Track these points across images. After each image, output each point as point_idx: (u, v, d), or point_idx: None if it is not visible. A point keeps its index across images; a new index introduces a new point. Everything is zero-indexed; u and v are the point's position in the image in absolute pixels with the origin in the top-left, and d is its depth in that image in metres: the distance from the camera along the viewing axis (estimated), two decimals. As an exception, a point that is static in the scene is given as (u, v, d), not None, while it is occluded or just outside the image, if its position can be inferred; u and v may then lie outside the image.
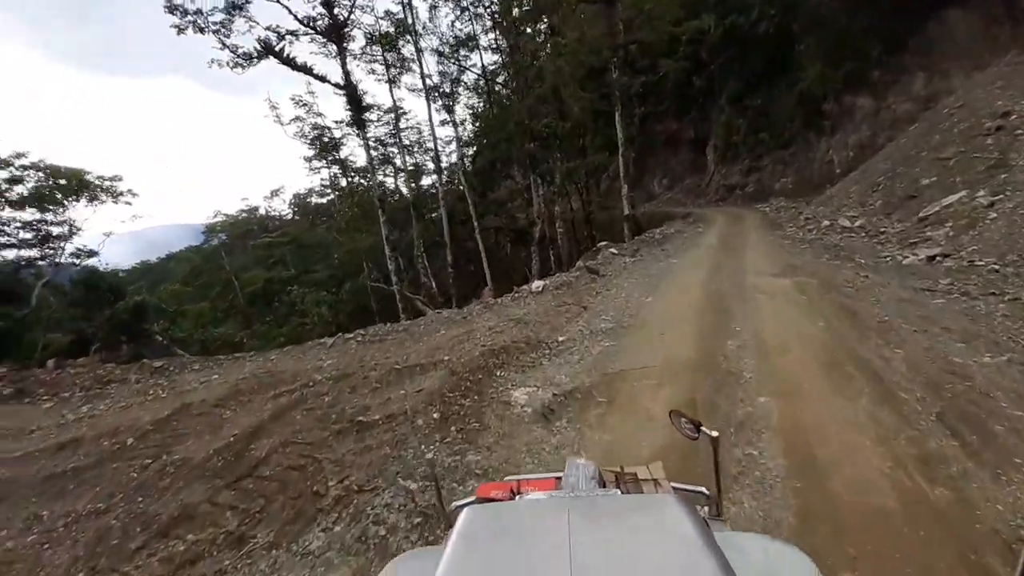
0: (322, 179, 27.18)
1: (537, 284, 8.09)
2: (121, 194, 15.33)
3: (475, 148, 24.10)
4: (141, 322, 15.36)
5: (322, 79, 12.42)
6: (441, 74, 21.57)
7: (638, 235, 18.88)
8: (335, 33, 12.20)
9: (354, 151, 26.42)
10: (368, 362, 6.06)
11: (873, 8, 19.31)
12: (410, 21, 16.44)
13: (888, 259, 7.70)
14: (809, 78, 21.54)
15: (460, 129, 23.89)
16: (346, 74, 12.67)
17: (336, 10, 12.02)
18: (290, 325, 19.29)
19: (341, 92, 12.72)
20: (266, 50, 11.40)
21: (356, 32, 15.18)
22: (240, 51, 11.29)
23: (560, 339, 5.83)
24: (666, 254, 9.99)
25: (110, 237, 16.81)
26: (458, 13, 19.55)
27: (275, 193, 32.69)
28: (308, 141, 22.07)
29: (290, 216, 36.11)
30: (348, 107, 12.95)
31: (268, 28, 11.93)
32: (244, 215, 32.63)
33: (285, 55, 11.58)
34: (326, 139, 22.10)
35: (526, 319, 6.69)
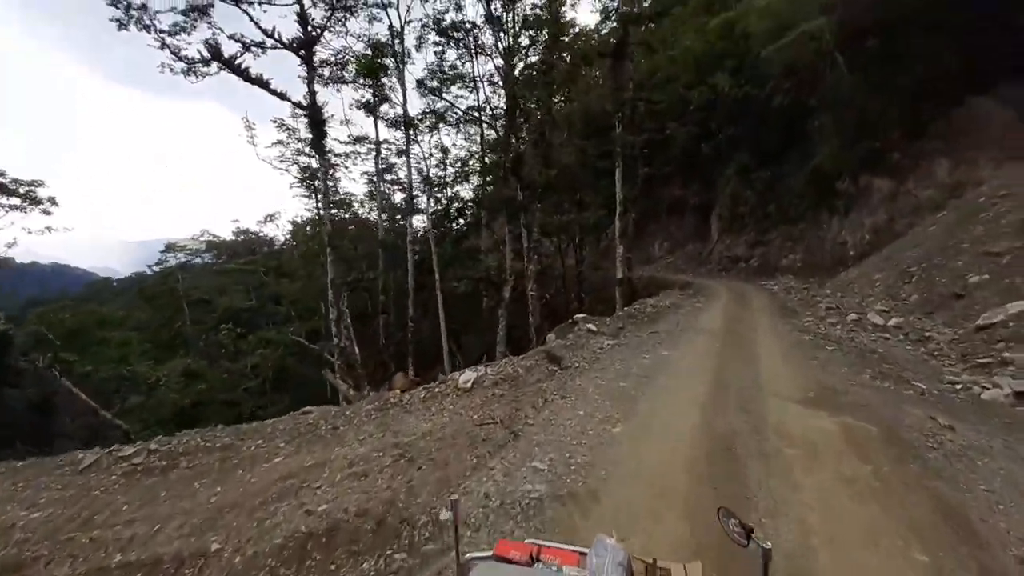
0: (306, 208, 25.73)
1: (467, 376, 5.73)
2: (40, 201, 13.52)
3: (451, 188, 22.27)
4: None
5: (280, 96, 10.82)
6: (425, 112, 19.91)
7: (631, 303, 16.75)
8: (304, 49, 10.77)
9: (343, 181, 24.73)
10: (69, 541, 3.58)
11: (894, 90, 18.15)
12: (396, 47, 15.02)
13: (959, 388, 5.45)
14: (823, 155, 20.12)
15: (431, 164, 22.04)
16: (311, 94, 11.14)
17: (309, 26, 10.69)
18: (192, 388, 16.70)
19: (302, 112, 11.17)
20: (213, 56, 9.88)
21: (327, 52, 13.68)
22: (183, 54, 9.80)
23: (442, 517, 3.33)
24: (656, 340, 7.68)
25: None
26: (449, 49, 17.94)
27: (270, 218, 31.28)
28: (285, 168, 20.53)
29: (283, 242, 34.51)
30: (310, 129, 11.32)
31: (232, 36, 10.54)
32: (239, 238, 31.01)
33: (237, 65, 10.05)
34: (304, 166, 20.53)
35: (418, 448, 4.39)
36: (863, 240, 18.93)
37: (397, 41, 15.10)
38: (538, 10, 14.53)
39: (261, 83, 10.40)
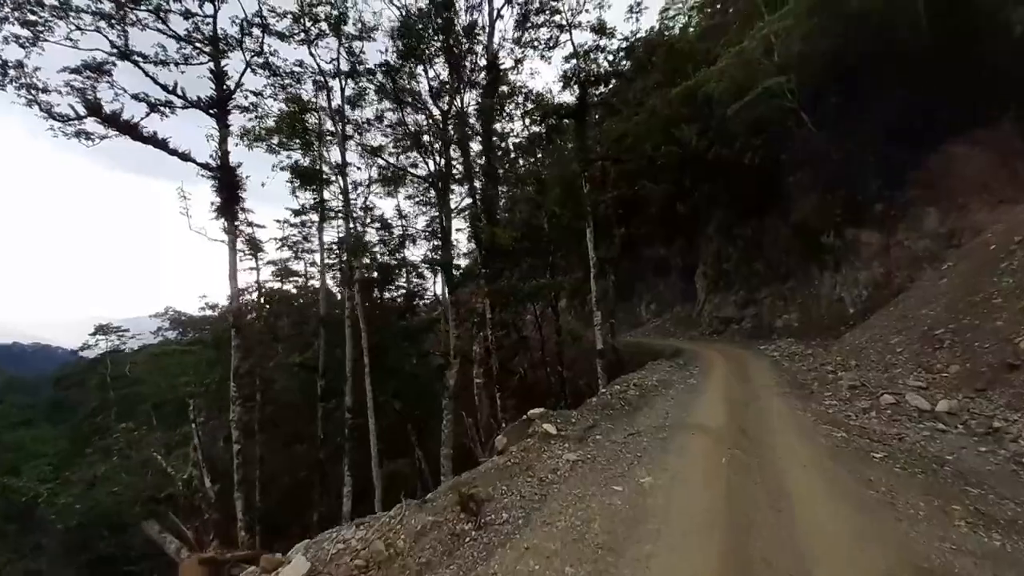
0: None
1: (296, 567, 3.67)
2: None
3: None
4: None
5: (182, 156, 9.51)
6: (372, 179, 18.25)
7: (615, 376, 14.71)
8: (216, 107, 9.67)
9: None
10: None
11: (865, 143, 17.74)
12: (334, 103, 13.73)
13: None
14: (804, 210, 19.33)
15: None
16: (223, 154, 9.86)
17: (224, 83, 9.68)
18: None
19: (209, 174, 9.81)
20: (90, 111, 8.65)
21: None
22: (55, 110, 8.54)
23: None
24: (636, 449, 5.46)
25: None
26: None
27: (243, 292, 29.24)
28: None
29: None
30: (218, 193, 9.90)
31: (136, 96, 9.42)
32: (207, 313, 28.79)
33: (125, 123, 8.83)
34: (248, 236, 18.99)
35: None
36: (862, 297, 17.54)
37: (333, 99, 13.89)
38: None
39: (156, 142, 9.13)
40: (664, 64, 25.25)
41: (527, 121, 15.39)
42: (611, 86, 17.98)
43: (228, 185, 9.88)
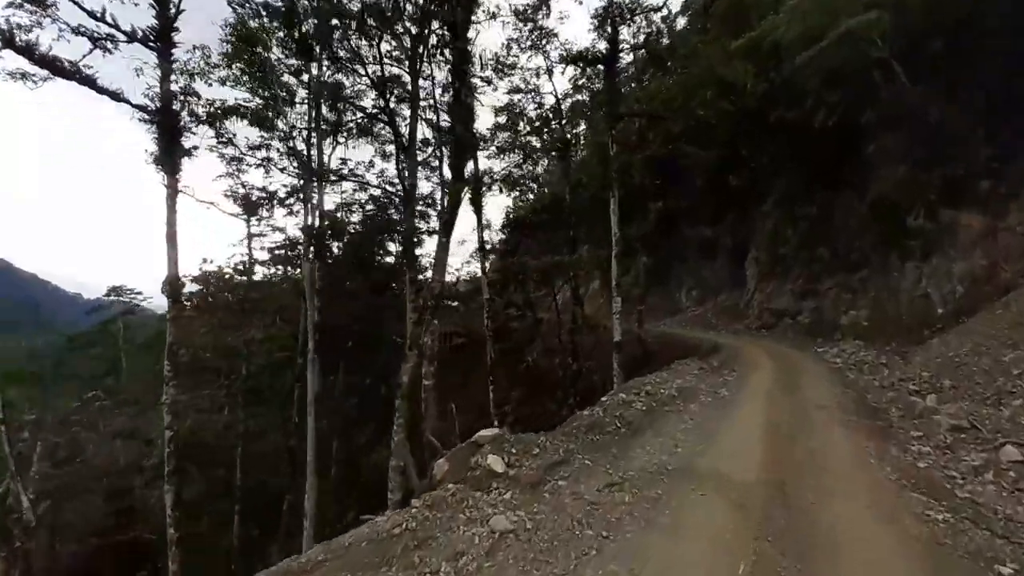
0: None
1: None
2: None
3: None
4: None
5: (113, 95, 8.26)
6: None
7: (637, 373, 12.73)
8: (159, 40, 8.31)
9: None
10: None
11: (976, 101, 14.20)
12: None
13: None
14: (888, 184, 16.02)
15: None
16: (165, 93, 8.53)
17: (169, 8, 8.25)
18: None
19: (148, 118, 8.52)
20: (4, 43, 7.52)
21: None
22: None
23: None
24: (607, 519, 3.65)
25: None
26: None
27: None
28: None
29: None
30: (157, 140, 8.62)
31: (78, 31, 8.22)
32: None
33: (41, 55, 7.66)
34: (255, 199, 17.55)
35: None
36: (955, 293, 14.35)
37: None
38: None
39: (82, 79, 7.93)
40: (725, 14, 21.77)
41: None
42: (652, 30, 15.19)
43: (169, 130, 8.62)
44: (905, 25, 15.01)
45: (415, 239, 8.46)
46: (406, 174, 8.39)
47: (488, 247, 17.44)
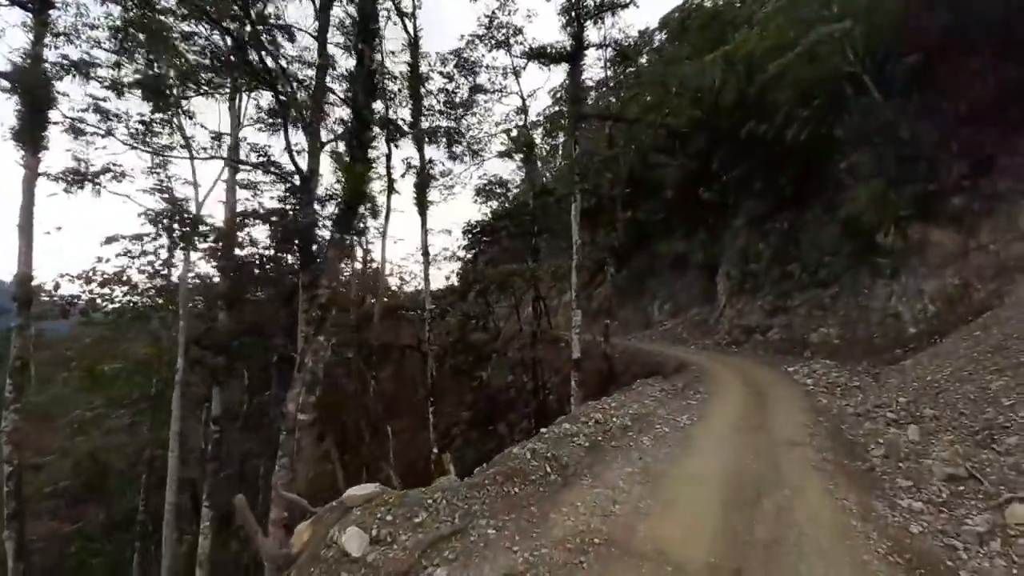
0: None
1: None
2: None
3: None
4: None
5: None
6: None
7: (602, 392, 11.59)
8: None
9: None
10: None
11: (948, 117, 13.75)
12: None
13: None
14: (859, 201, 15.44)
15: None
16: (35, 57, 7.12)
17: None
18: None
19: (9, 86, 7.09)
20: None
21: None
22: None
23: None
24: None
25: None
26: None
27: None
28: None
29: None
30: (18, 111, 7.20)
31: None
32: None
33: None
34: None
35: None
36: (927, 312, 13.70)
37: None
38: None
39: None
40: (701, 27, 21.37)
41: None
42: (621, 34, 14.39)
43: (34, 99, 7.17)
44: (877, 39, 14.60)
45: (313, 235, 7.16)
46: (306, 156, 7.15)
47: (449, 254, 16.27)
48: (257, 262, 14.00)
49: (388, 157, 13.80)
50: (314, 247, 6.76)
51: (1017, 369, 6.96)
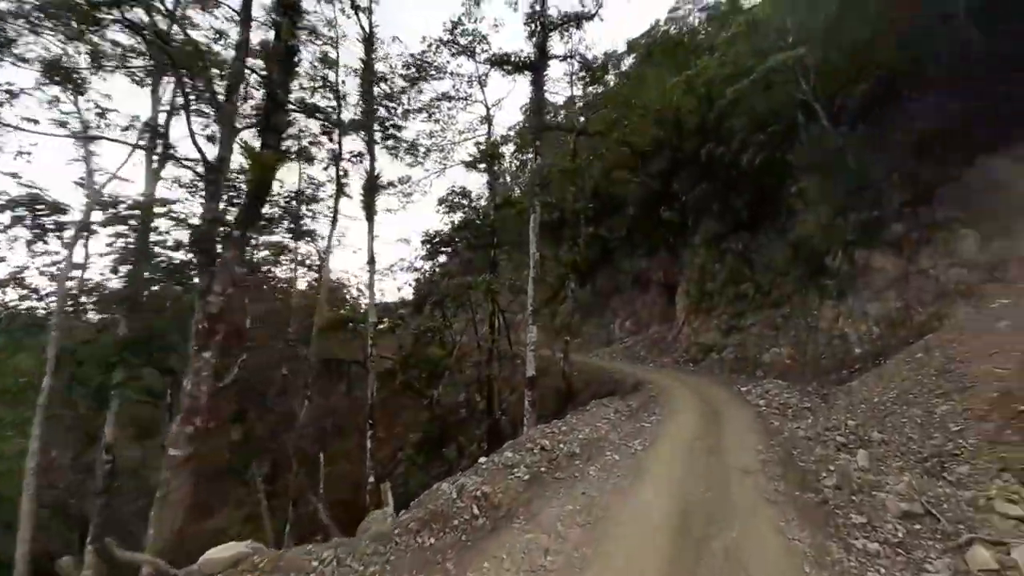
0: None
1: None
2: None
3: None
4: None
5: None
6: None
7: (563, 411, 11.00)
8: None
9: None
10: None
11: (892, 148, 14.32)
12: None
13: None
14: (808, 225, 15.81)
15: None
16: None
17: None
18: None
19: None
20: None
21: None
22: None
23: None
24: None
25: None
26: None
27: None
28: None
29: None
30: None
31: None
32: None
33: None
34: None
35: None
36: (871, 335, 13.96)
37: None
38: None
39: None
40: (665, 55, 21.85)
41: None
42: (584, 44, 14.31)
43: None
44: (830, 69, 15.15)
45: (214, 233, 6.13)
46: (219, 136, 6.21)
47: (406, 265, 15.46)
48: (166, 263, 12.48)
49: (337, 158, 13.01)
50: (220, 248, 5.86)
51: (962, 393, 6.88)
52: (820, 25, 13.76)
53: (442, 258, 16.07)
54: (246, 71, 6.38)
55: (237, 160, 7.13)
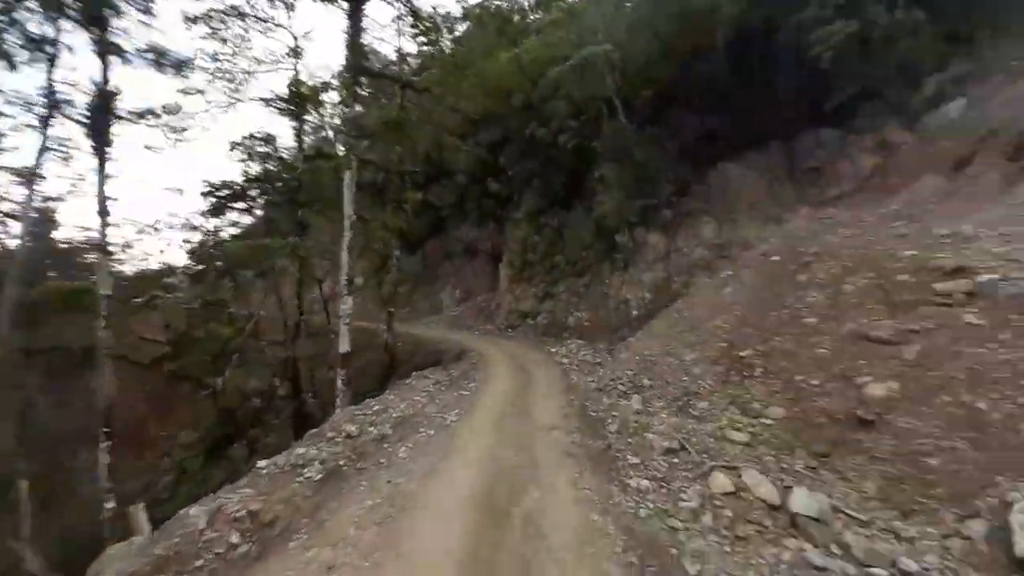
0: None
1: None
2: None
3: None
4: None
5: None
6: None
7: (388, 379, 10.11)
8: None
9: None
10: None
11: (665, 148, 17.23)
12: None
13: None
14: (605, 206, 18.01)
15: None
16: None
17: None
18: None
19: None
20: None
21: None
22: None
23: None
24: None
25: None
26: None
27: None
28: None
29: None
30: None
31: None
32: None
33: None
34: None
35: None
36: (645, 299, 16.90)
37: None
38: None
39: None
40: (498, 31, 21.57)
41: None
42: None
43: None
44: (629, 71, 17.15)
45: None
46: None
47: (182, 223, 11.92)
48: None
49: (51, 62, 8.77)
50: None
51: (704, 343, 8.68)
52: (623, 29, 15.31)
53: (235, 215, 13.00)
54: None
55: None
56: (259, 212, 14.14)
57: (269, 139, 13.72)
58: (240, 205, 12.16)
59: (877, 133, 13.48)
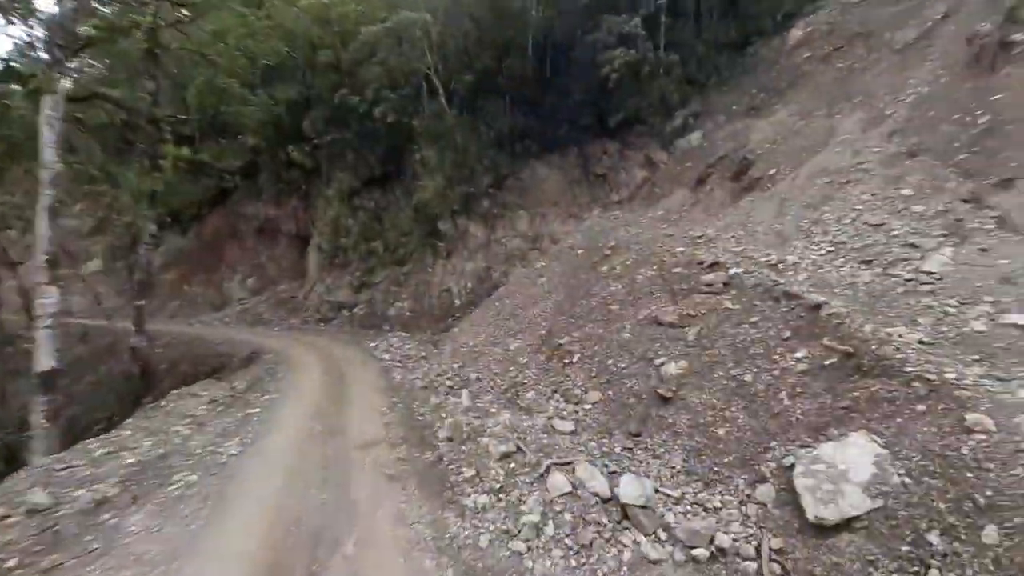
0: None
1: None
2: None
3: None
4: None
5: None
6: None
7: (123, 411, 7.01)
8: None
9: None
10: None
11: (483, 139, 17.28)
12: None
13: None
14: (427, 191, 17.15)
15: None
16: None
17: None
18: None
19: None
20: None
21: None
22: None
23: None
24: None
25: None
26: None
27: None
28: None
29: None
30: None
31: None
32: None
33: None
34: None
35: None
36: (467, 288, 16.80)
37: None
38: None
39: None
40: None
41: None
42: None
43: None
44: (449, 51, 16.41)
45: None
46: None
47: None
48: None
49: None
50: None
51: (526, 331, 8.77)
52: (442, 5, 14.51)
53: None
54: None
55: None
56: None
57: None
58: None
59: (644, 151, 16.11)
